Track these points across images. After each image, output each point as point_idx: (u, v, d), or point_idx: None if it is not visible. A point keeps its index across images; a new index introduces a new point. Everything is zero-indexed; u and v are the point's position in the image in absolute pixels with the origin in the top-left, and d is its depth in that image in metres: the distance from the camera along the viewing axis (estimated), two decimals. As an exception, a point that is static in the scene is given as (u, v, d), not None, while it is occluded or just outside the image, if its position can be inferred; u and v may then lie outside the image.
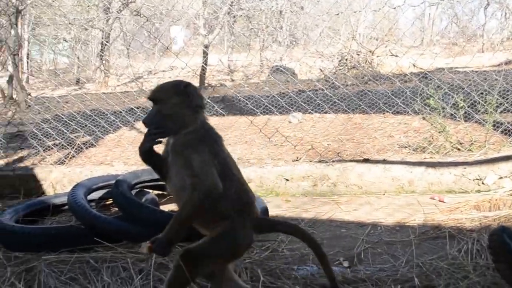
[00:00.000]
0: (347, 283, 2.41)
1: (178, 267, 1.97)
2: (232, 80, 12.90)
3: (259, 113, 5.43)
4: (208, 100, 5.55)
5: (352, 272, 2.54)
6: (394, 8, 10.02)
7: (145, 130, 2.12)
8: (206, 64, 11.20)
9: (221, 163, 2.02)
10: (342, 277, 2.45)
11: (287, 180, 4.09)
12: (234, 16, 12.83)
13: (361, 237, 3.03)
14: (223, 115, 5.47)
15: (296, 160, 4.48)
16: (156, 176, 3.81)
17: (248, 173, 4.16)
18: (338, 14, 10.35)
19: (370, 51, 11.86)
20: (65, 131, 5.52)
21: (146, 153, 2.11)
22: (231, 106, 7.87)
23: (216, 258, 2.03)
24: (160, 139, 2.09)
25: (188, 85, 2.07)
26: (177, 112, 2.05)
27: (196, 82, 11.43)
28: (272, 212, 3.51)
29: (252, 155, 4.94)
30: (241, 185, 2.10)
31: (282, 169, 4.16)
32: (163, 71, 14.97)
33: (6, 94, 10.97)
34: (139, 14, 10.18)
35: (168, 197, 3.93)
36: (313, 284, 2.41)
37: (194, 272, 1.99)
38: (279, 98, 5.80)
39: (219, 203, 1.99)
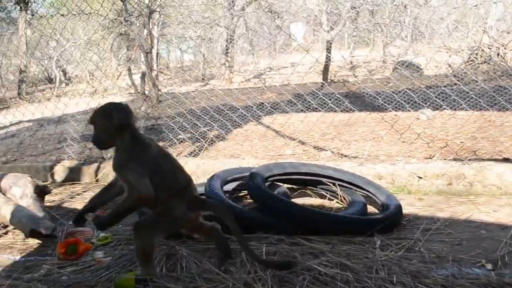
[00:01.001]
0: (492, 287, 2.29)
1: (135, 237, 2.45)
2: (355, 76, 12.74)
3: (390, 109, 5.30)
4: (338, 95, 5.50)
5: (496, 276, 2.40)
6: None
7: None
8: (329, 60, 11.16)
9: (151, 165, 2.42)
10: (486, 280, 2.33)
11: (420, 178, 3.97)
12: (358, 12, 12.64)
13: (504, 240, 2.86)
14: (353, 110, 5.40)
15: (429, 158, 4.34)
16: (286, 171, 3.91)
17: (378, 169, 4.11)
18: (476, 5, 9.81)
19: (502, 45, 11.14)
20: (199, 124, 5.77)
21: None
22: (356, 101, 7.77)
23: (159, 228, 2.47)
24: None
25: (110, 107, 2.44)
26: (103, 132, 2.44)
27: (318, 78, 11.46)
28: (406, 210, 3.43)
29: (381, 151, 4.85)
30: (173, 175, 2.50)
31: (415, 167, 4.04)
32: (284, 67, 15.15)
33: (139, 90, 11.73)
34: (270, 11, 10.39)
35: (298, 190, 3.99)
36: (454, 285, 2.32)
37: (146, 239, 2.43)
38: (412, 94, 5.62)
39: (156, 193, 2.39)
